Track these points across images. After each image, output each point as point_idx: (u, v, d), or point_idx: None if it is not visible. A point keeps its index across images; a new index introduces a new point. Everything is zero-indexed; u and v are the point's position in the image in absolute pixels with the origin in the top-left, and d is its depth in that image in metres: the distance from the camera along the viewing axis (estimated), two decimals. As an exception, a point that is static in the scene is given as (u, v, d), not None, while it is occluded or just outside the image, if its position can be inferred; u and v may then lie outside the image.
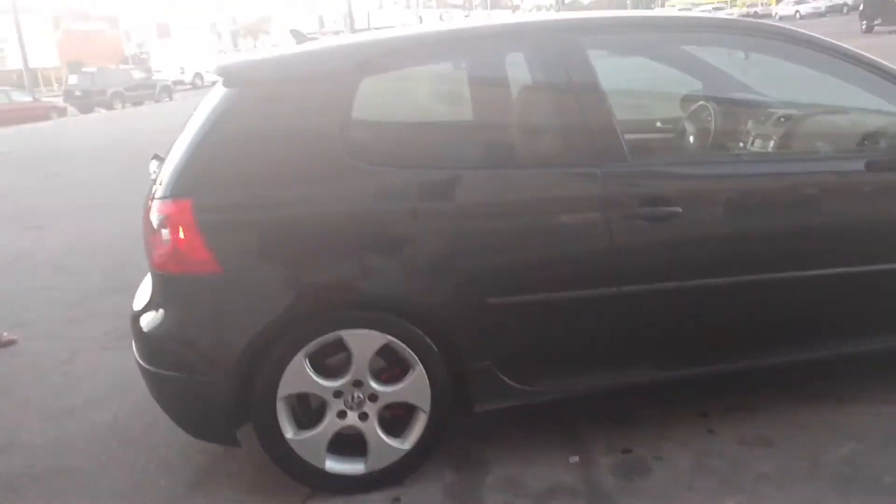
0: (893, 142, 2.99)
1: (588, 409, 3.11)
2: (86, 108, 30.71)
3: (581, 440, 2.96)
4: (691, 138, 3.93)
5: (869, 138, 3.07)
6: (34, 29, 46.09)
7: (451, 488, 2.73)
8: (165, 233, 2.57)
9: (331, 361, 2.67)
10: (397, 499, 2.69)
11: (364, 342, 2.62)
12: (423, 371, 2.67)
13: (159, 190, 2.61)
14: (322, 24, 63.94)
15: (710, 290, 2.79)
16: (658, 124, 4.26)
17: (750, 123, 3.62)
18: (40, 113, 27.79)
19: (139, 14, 60.05)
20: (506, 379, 2.74)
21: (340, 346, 2.62)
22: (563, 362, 2.82)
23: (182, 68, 43.79)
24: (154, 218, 2.60)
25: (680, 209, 2.70)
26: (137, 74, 34.12)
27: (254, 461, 2.85)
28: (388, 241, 2.63)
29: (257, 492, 2.80)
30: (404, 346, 2.64)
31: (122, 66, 37.68)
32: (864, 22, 25.39)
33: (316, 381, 2.63)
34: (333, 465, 2.70)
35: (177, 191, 2.58)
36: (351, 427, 2.69)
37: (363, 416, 2.69)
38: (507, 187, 2.70)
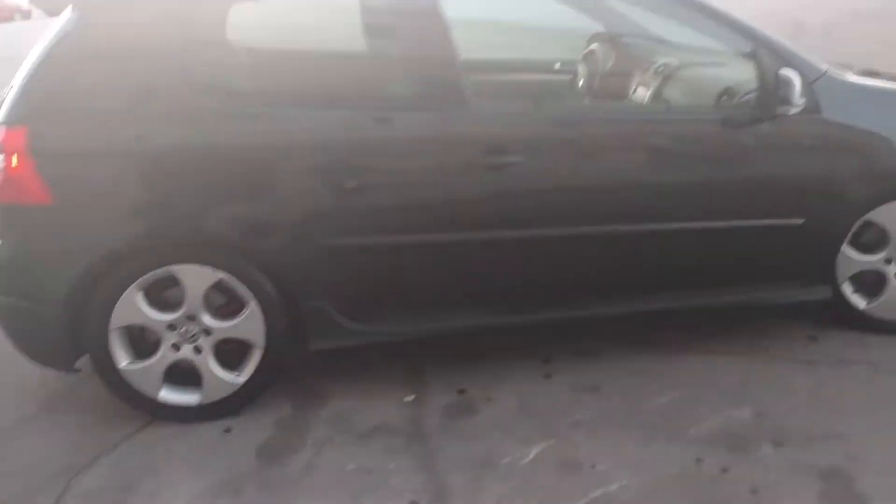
0: (746, 98, 2.98)
1: (440, 351, 3.19)
2: (55, 11, 29.66)
3: (423, 380, 3.05)
4: (580, 82, 3.94)
5: (728, 93, 3.07)
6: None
7: (284, 421, 2.83)
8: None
9: (168, 295, 2.72)
10: (228, 429, 2.78)
11: (196, 277, 2.67)
12: (258, 308, 2.72)
13: None
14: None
15: (551, 239, 2.84)
16: (557, 66, 4.26)
17: (634, 72, 3.63)
18: (6, 14, 26.97)
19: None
20: (343, 319, 2.80)
21: (177, 280, 2.67)
22: (402, 305, 2.89)
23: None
24: None
25: (521, 158, 2.72)
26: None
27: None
28: (224, 179, 2.64)
29: (100, 415, 2.88)
30: (238, 282, 2.69)
31: None
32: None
33: (147, 315, 2.68)
34: (167, 395, 2.79)
35: (11, 117, 2.56)
36: (186, 360, 2.75)
37: (197, 350, 2.75)
38: (346, 132, 2.71)
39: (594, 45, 3.93)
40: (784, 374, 2.99)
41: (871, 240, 3.13)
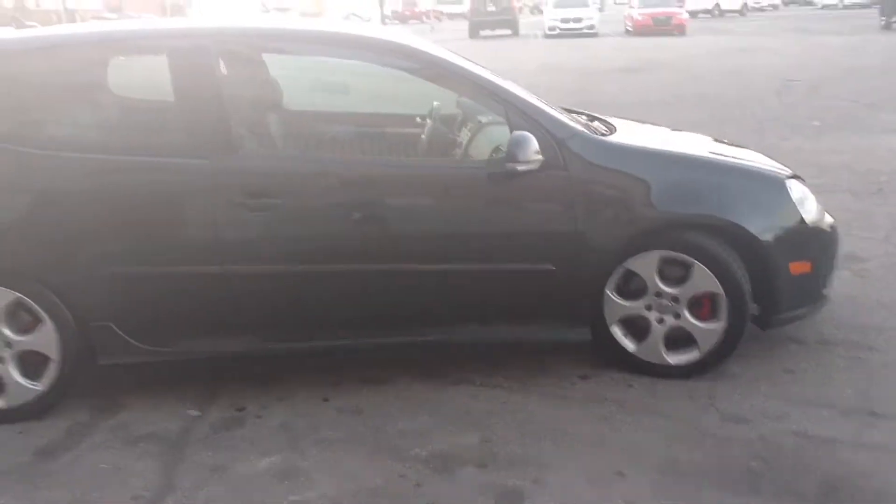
0: (501, 155, 3.28)
1: (240, 371, 3.55)
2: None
3: (216, 397, 3.40)
4: (423, 136, 4.31)
5: (497, 150, 3.40)
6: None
7: (75, 426, 3.21)
8: None
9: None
10: (21, 431, 3.17)
11: (-3, 296, 3.10)
12: (53, 325, 3.14)
13: None
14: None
15: (310, 275, 3.20)
16: (417, 119, 4.63)
17: (459, 127, 3.98)
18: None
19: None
20: (128, 338, 3.19)
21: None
22: (181, 328, 3.27)
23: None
24: None
25: (280, 201, 3.10)
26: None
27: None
28: (24, 214, 3.08)
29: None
30: (32, 303, 3.11)
31: (146, 16, 37.90)
32: (884, 18, 24.83)
33: (-46, 326, 3.11)
34: (-31, 397, 3.20)
35: None
36: (-9, 367, 3.17)
37: (0, 360, 3.17)
38: (129, 175, 3.13)
39: (436, 102, 4.30)
40: (533, 407, 3.26)
41: (637, 286, 3.39)
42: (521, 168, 3.10)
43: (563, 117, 3.37)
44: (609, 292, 3.38)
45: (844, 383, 3.37)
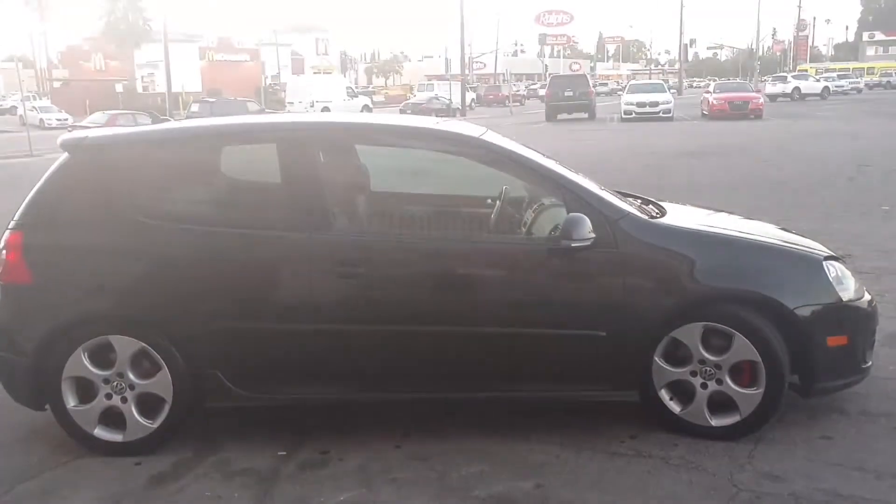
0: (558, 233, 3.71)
1: (330, 418, 4.01)
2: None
3: (303, 441, 3.85)
4: (493, 215, 4.80)
5: (555, 229, 3.84)
6: (183, 57, 50.55)
7: (182, 461, 3.70)
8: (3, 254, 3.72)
9: (112, 356, 3.71)
10: (139, 462, 3.68)
11: (125, 345, 3.66)
12: (168, 372, 3.67)
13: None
14: (448, 68, 66.19)
15: (389, 334, 3.67)
16: (489, 200, 5.14)
17: (523, 208, 4.45)
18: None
19: (278, 49, 64.18)
20: (231, 385, 3.70)
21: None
22: (279, 376, 3.76)
23: (313, 102, 46.00)
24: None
25: (363, 270, 3.61)
26: (254, 106, 36.64)
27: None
28: (150, 276, 3.68)
29: (49, 443, 3.85)
30: (154, 351, 3.66)
31: (240, 99, 39.65)
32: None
33: (89, 369, 3.68)
34: (101, 432, 3.73)
35: (13, 225, 3.73)
36: (115, 406, 3.71)
37: (124, 400, 3.71)
38: (238, 245, 3.70)
39: (505, 186, 4.79)
40: (583, 461, 3.60)
41: (684, 354, 3.74)
42: (574, 245, 3.54)
43: (616, 200, 3.80)
44: (657, 359, 3.73)
45: (880, 450, 3.60)
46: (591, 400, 3.89)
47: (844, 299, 3.76)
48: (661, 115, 28.95)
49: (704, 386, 3.72)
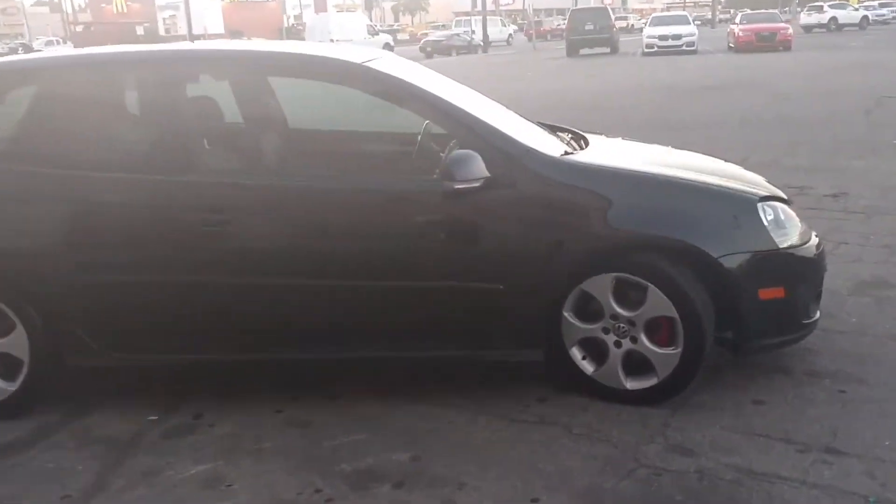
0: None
1: (212, 380, 3.66)
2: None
3: (181, 403, 3.51)
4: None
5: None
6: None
7: (44, 426, 3.38)
8: None
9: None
10: (-6, 428, 3.38)
11: (-25, 301, 3.32)
12: (23, 330, 3.33)
13: None
14: (475, 4, 64.60)
15: (262, 288, 3.28)
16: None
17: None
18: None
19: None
20: (94, 344, 3.35)
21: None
22: (148, 335, 3.40)
23: (332, 40, 45.29)
24: None
25: (229, 217, 3.20)
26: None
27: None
28: (5, 229, 3.31)
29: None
30: (7, 309, 3.31)
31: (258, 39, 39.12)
32: None
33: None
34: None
35: None
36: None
37: (-27, 361, 3.39)
38: (93, 189, 3.30)
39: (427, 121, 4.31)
40: (475, 428, 3.21)
41: (597, 309, 3.30)
42: (459, 186, 3.08)
43: (516, 135, 3.32)
44: (567, 314, 3.30)
45: (814, 418, 3.16)
46: (494, 360, 3.47)
47: (782, 246, 3.26)
48: (684, 48, 27.76)
49: (618, 344, 3.29)
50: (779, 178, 7.42)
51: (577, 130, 4.07)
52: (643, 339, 3.23)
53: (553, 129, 4.07)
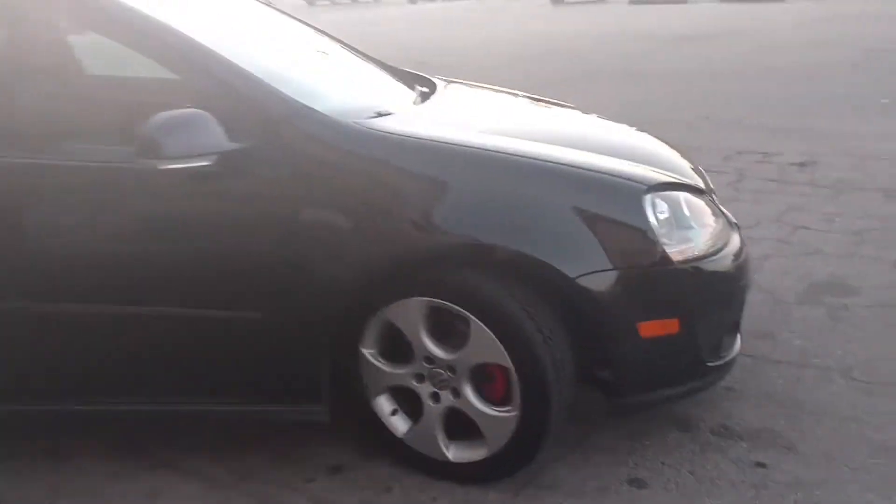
0: None
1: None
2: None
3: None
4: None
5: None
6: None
7: None
8: None
9: None
10: None
11: None
12: None
13: None
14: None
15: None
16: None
17: None
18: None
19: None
20: None
21: None
22: None
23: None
24: None
25: None
26: None
27: None
28: None
29: None
30: None
31: None
32: None
33: None
34: None
35: None
36: None
37: None
38: None
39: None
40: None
41: (408, 346, 2.25)
42: (167, 166, 2.00)
43: (298, 87, 2.23)
44: (366, 352, 2.26)
45: (712, 512, 2.15)
46: (270, 420, 2.42)
47: (677, 259, 2.19)
48: (674, -5, 26.24)
49: (436, 398, 2.25)
50: (739, 142, 6.41)
51: (436, 79, 2.99)
52: (467, 393, 2.20)
53: (413, 80, 2.99)
